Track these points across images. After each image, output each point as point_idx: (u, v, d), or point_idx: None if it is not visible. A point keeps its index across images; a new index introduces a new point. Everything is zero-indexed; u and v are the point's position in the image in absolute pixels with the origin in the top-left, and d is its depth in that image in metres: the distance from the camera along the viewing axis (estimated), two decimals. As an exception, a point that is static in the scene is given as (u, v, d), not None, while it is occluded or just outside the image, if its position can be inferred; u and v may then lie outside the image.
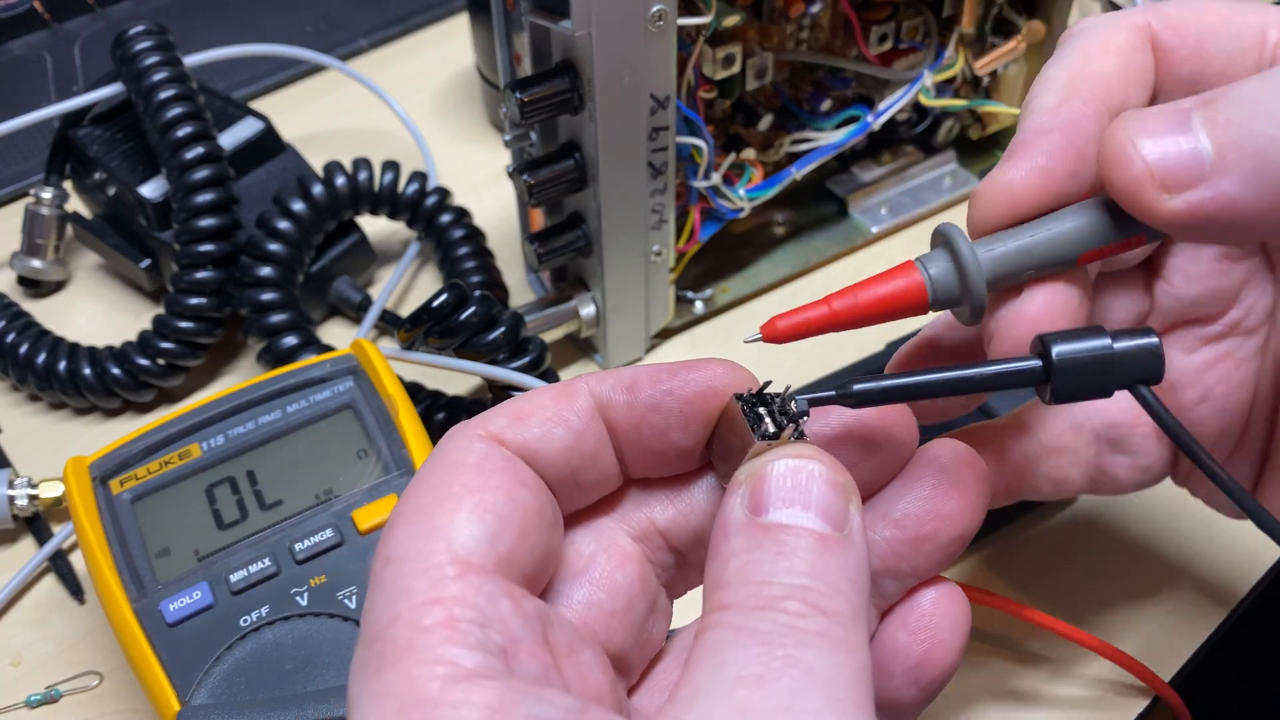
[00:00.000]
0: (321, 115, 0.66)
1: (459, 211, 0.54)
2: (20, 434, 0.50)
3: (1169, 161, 0.23)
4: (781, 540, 0.22)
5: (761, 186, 0.50)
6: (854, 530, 0.23)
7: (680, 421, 0.25)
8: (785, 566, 0.21)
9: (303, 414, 0.40)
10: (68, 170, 0.55)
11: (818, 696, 0.20)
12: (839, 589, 0.21)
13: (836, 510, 0.23)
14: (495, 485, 0.23)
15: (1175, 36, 0.27)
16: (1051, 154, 0.26)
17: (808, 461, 0.23)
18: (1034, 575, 0.43)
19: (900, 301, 0.26)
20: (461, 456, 0.23)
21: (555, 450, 0.24)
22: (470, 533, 0.22)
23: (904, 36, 0.52)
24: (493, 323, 0.43)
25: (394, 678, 0.20)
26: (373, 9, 0.72)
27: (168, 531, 0.38)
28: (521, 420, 0.24)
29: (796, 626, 0.21)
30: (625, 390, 0.25)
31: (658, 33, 0.40)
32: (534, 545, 0.23)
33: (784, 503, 0.22)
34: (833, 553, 0.22)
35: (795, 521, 0.22)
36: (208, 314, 0.49)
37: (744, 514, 0.23)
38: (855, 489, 0.23)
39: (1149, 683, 0.39)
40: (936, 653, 0.26)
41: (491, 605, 0.21)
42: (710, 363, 0.25)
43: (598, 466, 0.25)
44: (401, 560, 0.22)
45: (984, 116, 0.58)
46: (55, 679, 0.41)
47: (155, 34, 0.51)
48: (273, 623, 0.35)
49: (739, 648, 0.21)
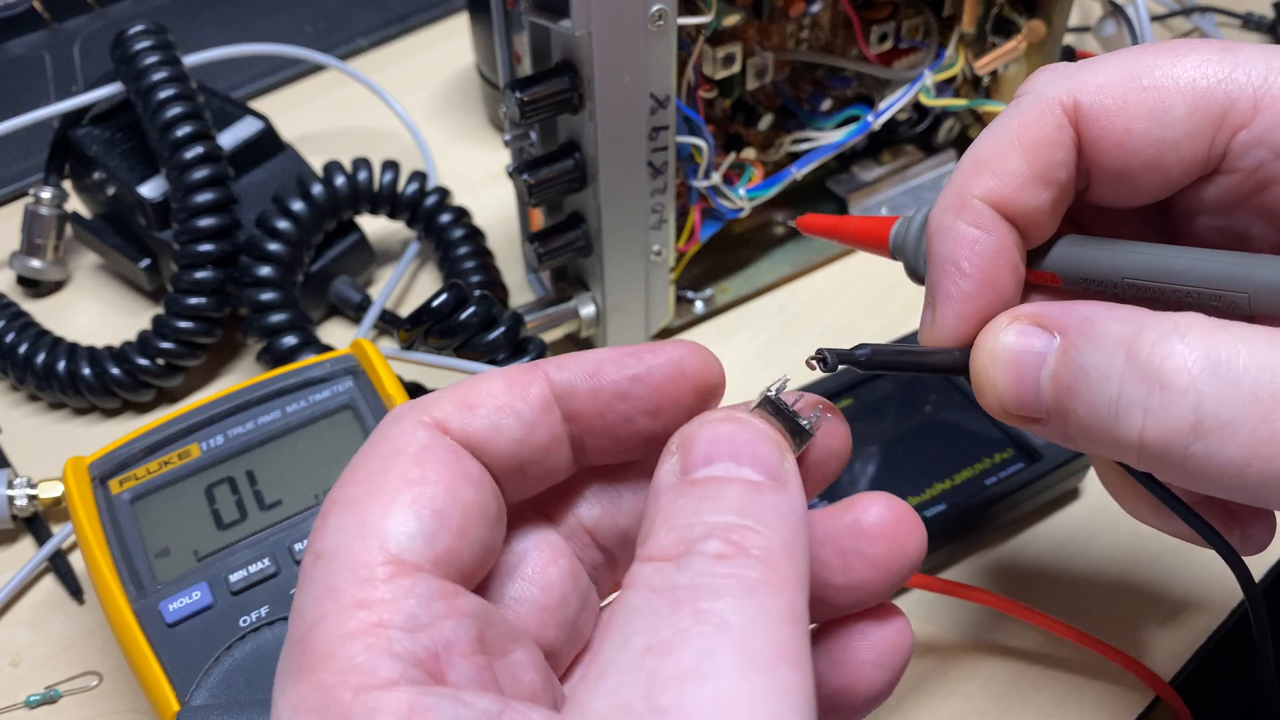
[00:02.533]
0: (321, 115, 0.66)
1: (459, 211, 0.54)
2: (19, 434, 0.50)
3: (1023, 402, 0.25)
4: (709, 487, 0.21)
5: (761, 186, 0.50)
6: (789, 478, 0.22)
7: (649, 408, 0.24)
8: (709, 507, 0.21)
9: (302, 414, 0.40)
10: (67, 170, 0.55)
11: (729, 653, 0.18)
12: (768, 524, 0.20)
13: (770, 460, 0.22)
14: (435, 479, 0.22)
15: (1099, 129, 0.26)
16: (969, 300, 0.27)
17: (737, 424, 0.23)
18: (1034, 575, 0.43)
19: (872, 235, 0.32)
20: (402, 444, 0.23)
21: (504, 442, 0.23)
22: (406, 530, 0.21)
23: (904, 36, 0.52)
24: (492, 323, 0.43)
25: (309, 687, 0.20)
26: (372, 9, 0.72)
27: (167, 531, 0.38)
28: (469, 408, 0.23)
29: (712, 573, 0.19)
30: (588, 376, 0.24)
31: (658, 32, 0.40)
32: (474, 542, 0.22)
33: (715, 459, 0.22)
34: (763, 494, 0.21)
35: (725, 473, 0.22)
36: (207, 314, 0.49)
37: (675, 476, 0.22)
38: (788, 449, 0.23)
39: (1149, 683, 0.39)
40: (858, 686, 0.25)
41: (423, 608, 0.20)
42: (675, 344, 0.25)
43: (549, 459, 0.24)
44: (332, 557, 0.21)
45: (984, 116, 0.58)
46: (55, 679, 0.41)
47: (155, 33, 0.51)
48: (272, 623, 0.35)
49: (650, 612, 0.19)
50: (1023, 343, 0.25)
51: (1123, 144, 0.26)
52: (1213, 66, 0.26)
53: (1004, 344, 0.26)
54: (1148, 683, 0.38)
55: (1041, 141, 0.27)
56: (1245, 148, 0.26)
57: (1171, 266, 0.26)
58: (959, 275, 0.27)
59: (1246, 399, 0.22)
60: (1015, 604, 0.38)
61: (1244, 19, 0.69)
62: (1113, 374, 0.23)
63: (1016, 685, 0.40)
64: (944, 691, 0.40)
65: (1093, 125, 0.26)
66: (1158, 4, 0.70)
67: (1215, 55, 0.26)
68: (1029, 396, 0.25)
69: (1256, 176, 0.26)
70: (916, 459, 0.43)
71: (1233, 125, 0.25)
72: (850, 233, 0.33)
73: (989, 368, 0.26)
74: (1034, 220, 0.27)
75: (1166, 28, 0.70)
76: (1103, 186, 0.28)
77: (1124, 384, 0.23)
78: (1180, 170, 0.26)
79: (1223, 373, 0.22)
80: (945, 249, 0.27)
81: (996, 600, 0.38)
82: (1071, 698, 0.39)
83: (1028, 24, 0.54)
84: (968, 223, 0.27)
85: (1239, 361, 0.22)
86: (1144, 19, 0.55)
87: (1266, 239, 0.28)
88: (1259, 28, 0.69)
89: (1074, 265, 0.28)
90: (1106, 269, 0.27)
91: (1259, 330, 0.22)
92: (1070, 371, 0.24)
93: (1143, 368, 0.23)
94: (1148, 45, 0.27)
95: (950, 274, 0.27)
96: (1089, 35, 0.67)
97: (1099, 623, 0.41)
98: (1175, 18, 0.70)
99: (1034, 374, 0.25)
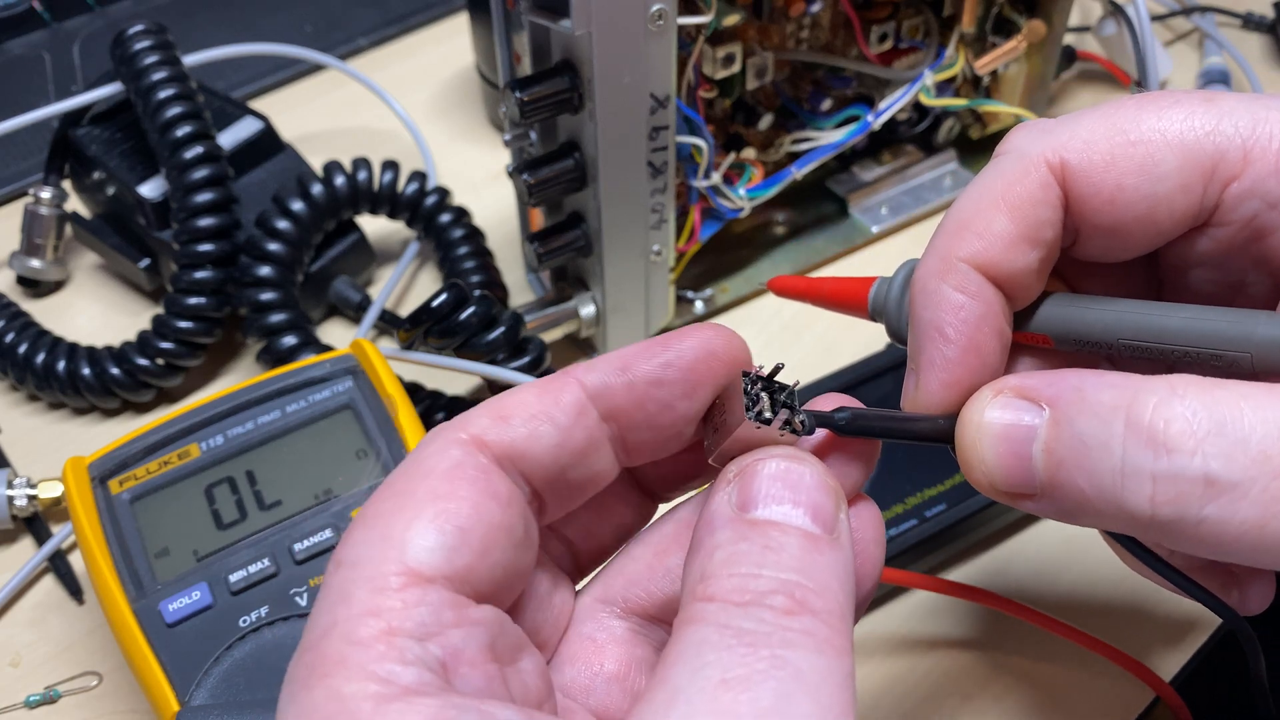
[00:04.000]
0: (321, 115, 0.66)
1: (458, 211, 0.54)
2: (19, 434, 0.50)
3: (1014, 479, 0.25)
4: (770, 535, 0.22)
5: (761, 186, 0.50)
6: (843, 534, 0.22)
7: (685, 390, 0.24)
8: (773, 560, 0.21)
9: (302, 414, 0.40)
10: (67, 170, 0.55)
11: (806, 700, 0.19)
12: (827, 588, 0.21)
13: (827, 512, 0.22)
14: (463, 495, 0.22)
15: (1089, 186, 0.26)
16: (951, 368, 0.26)
17: (798, 463, 0.23)
18: (1034, 575, 0.43)
19: (849, 297, 0.31)
20: (434, 462, 0.23)
21: (542, 449, 0.24)
22: (425, 543, 0.21)
23: (904, 36, 0.52)
24: (492, 323, 0.43)
25: (322, 694, 0.19)
26: (372, 8, 0.72)
27: (167, 532, 0.38)
28: (504, 420, 0.24)
29: (783, 625, 0.20)
30: (620, 371, 0.24)
31: (658, 32, 0.40)
32: (496, 563, 0.22)
33: (774, 500, 0.22)
34: (821, 552, 0.22)
35: (785, 519, 0.22)
36: (207, 314, 0.49)
37: (732, 509, 0.22)
38: (843, 495, 0.23)
39: (1149, 683, 0.39)
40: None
41: (434, 617, 0.21)
42: (699, 328, 0.25)
43: (589, 462, 0.25)
44: (351, 565, 0.21)
45: (985, 116, 0.58)
46: (54, 679, 0.41)
47: (154, 33, 0.50)
48: (272, 623, 0.35)
49: (723, 648, 0.20)
50: (1010, 417, 0.25)
51: (1114, 200, 0.26)
52: (1199, 118, 0.25)
53: (990, 419, 0.25)
54: (1148, 683, 0.38)
55: (1027, 200, 0.26)
56: (1238, 200, 0.25)
57: (1168, 326, 0.25)
58: (943, 341, 0.26)
59: (1256, 457, 0.21)
60: (1015, 604, 0.38)
61: (1244, 19, 0.69)
62: (1113, 442, 0.22)
63: (1017, 685, 0.40)
64: (944, 691, 0.40)
65: (1082, 182, 0.26)
66: (1158, 4, 0.70)
67: (1200, 107, 0.25)
68: (1020, 473, 0.24)
69: (1251, 228, 0.26)
70: (917, 459, 0.43)
71: (1224, 177, 0.25)
72: (825, 295, 0.32)
73: (976, 444, 0.25)
74: (1021, 282, 0.26)
75: (1167, 28, 0.70)
76: (1091, 242, 0.27)
77: (1127, 451, 0.22)
78: (1172, 224, 0.26)
79: (1229, 432, 0.21)
80: (929, 314, 0.26)
81: (996, 600, 0.38)
82: (1071, 698, 0.39)
83: (1028, 24, 0.54)
84: (952, 287, 0.26)
85: (1244, 420, 0.21)
86: (1144, 19, 0.55)
87: (1261, 288, 0.27)
88: (1259, 27, 0.69)
89: (1063, 326, 0.27)
90: (1099, 331, 0.26)
91: (1257, 387, 0.22)
92: (1065, 444, 0.23)
93: (1145, 433, 0.22)
94: (1127, 99, 0.26)
95: (934, 340, 0.26)
96: (1089, 35, 0.67)
97: (1099, 623, 0.41)
98: (1175, 18, 0.70)
99: (1025, 449, 0.24)
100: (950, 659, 0.41)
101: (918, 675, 0.40)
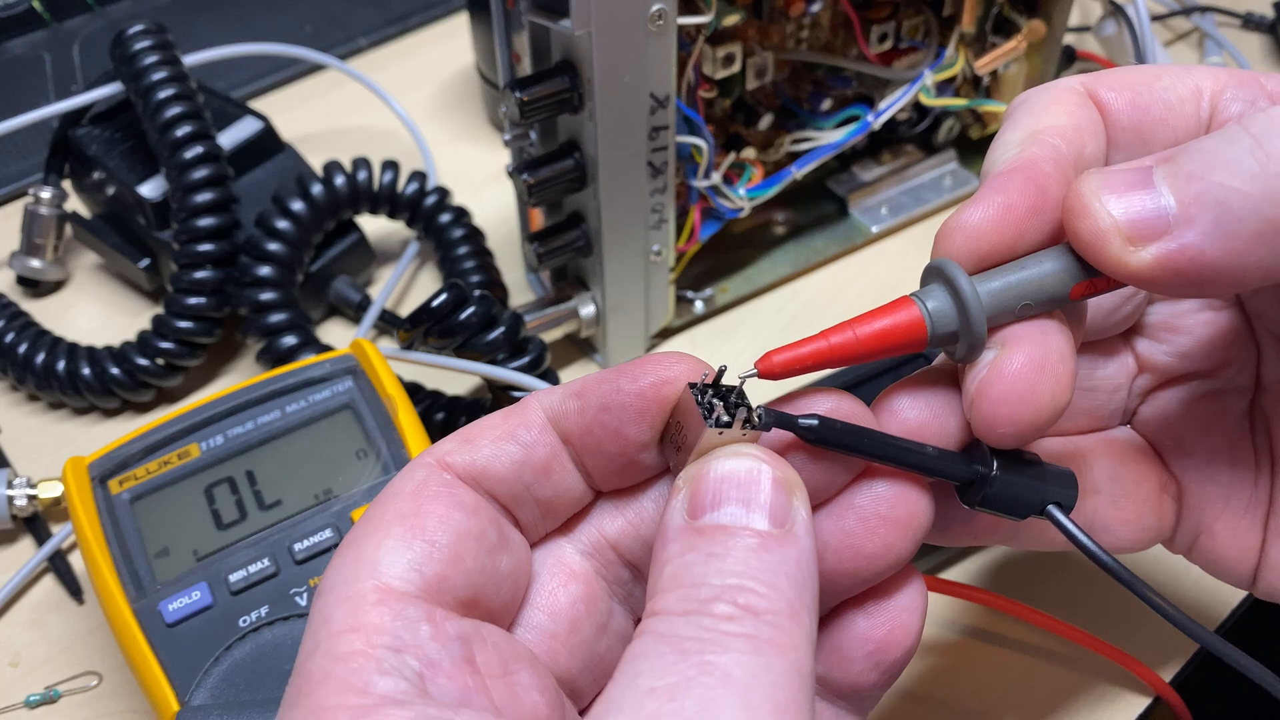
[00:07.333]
0: (321, 114, 0.66)
1: (458, 211, 0.54)
2: (19, 434, 0.50)
3: (1133, 216, 0.23)
4: (717, 541, 0.22)
5: (761, 186, 0.50)
6: (797, 525, 0.22)
7: (633, 415, 0.24)
8: (717, 568, 0.21)
9: (302, 414, 0.40)
10: (67, 170, 0.55)
11: (731, 705, 0.19)
12: (774, 586, 0.21)
13: (778, 506, 0.22)
14: (429, 510, 0.23)
15: (1112, 92, 0.27)
16: (1012, 192, 0.25)
17: (747, 459, 0.23)
18: (1034, 575, 0.43)
19: (899, 338, 0.25)
20: (401, 485, 0.24)
21: (505, 466, 0.24)
22: (394, 560, 0.22)
23: (904, 36, 0.52)
24: (492, 323, 0.43)
25: (305, 711, 0.20)
26: (372, 8, 0.72)
27: (167, 531, 0.38)
28: (470, 442, 0.24)
29: (719, 630, 0.20)
30: (574, 397, 0.25)
31: (658, 32, 0.40)
32: (469, 568, 0.23)
33: (722, 502, 0.22)
34: (770, 550, 0.21)
35: (734, 521, 0.22)
36: (207, 314, 0.49)
37: (683, 519, 0.22)
38: (800, 484, 0.23)
39: (1149, 683, 0.39)
40: (897, 634, 0.26)
41: (409, 630, 0.21)
42: (660, 356, 0.25)
43: (553, 480, 0.25)
44: (330, 590, 0.22)
45: (984, 116, 0.58)
46: (54, 679, 0.41)
47: (154, 33, 0.50)
48: (272, 623, 0.35)
49: (655, 656, 0.20)
50: (1121, 171, 0.24)
51: (1136, 103, 0.27)
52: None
53: (1095, 175, 0.24)
54: (1148, 682, 0.39)
55: (1072, 102, 0.27)
56: None
57: None
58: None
59: None
60: (1015, 604, 0.38)
61: (1244, 19, 0.69)
62: (1240, 136, 0.22)
63: (1016, 685, 0.40)
64: (945, 691, 0.40)
65: (1108, 91, 0.27)
66: (1158, 4, 0.70)
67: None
68: (1148, 208, 0.23)
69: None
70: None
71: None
72: (842, 354, 0.24)
73: (1089, 180, 0.24)
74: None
75: (1167, 27, 0.70)
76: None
77: (1262, 136, 0.22)
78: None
79: None
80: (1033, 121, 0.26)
81: (996, 600, 0.38)
82: (1071, 698, 0.39)
83: (1028, 24, 0.54)
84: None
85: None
86: (1144, 19, 0.55)
87: None
88: (1259, 27, 0.69)
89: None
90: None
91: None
92: (1189, 157, 0.23)
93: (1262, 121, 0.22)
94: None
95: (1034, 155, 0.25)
96: (1089, 35, 0.67)
97: (1099, 623, 0.41)
98: (1175, 17, 0.70)
99: (1146, 176, 0.23)
100: (950, 659, 0.41)
101: (917, 675, 0.40)
